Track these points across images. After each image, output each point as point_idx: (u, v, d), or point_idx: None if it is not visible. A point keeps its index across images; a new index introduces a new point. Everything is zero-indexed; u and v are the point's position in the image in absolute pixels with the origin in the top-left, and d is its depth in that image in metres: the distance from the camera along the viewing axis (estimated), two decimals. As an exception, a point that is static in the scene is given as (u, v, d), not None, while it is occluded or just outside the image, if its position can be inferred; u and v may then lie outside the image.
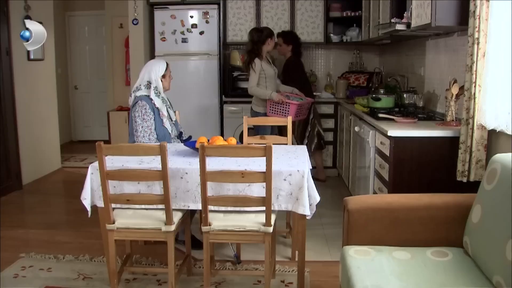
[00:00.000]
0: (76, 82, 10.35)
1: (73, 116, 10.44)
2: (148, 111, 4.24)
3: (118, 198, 3.27)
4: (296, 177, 3.27)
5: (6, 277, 3.96)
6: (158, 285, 3.78)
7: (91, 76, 10.30)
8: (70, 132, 10.41)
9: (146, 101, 4.27)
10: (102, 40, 9.90)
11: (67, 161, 8.35)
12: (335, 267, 3.95)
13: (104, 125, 9.48)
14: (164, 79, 4.38)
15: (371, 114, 4.74)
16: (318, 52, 7.60)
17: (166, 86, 4.46)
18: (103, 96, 10.01)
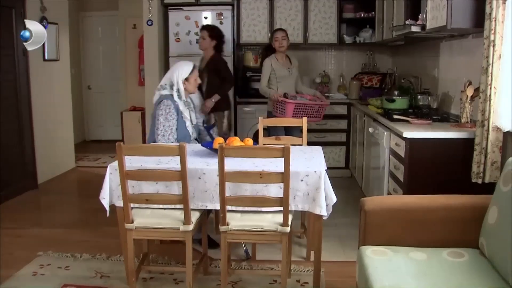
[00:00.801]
0: (89, 82, 10.43)
1: (86, 116, 10.52)
2: (172, 111, 4.31)
3: (138, 198, 3.32)
4: (313, 177, 3.30)
5: (25, 274, 4.03)
6: (175, 284, 3.82)
7: (104, 76, 10.38)
8: (83, 132, 10.49)
9: (172, 101, 4.35)
10: (116, 41, 9.97)
11: (81, 160, 8.42)
12: (349, 267, 4.00)
13: (117, 125, 9.56)
14: (187, 82, 4.41)
15: (386, 116, 4.76)
16: (331, 53, 7.63)
17: (190, 89, 4.48)
18: (116, 96, 10.09)
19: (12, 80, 6.21)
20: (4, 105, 6.04)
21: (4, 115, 6.02)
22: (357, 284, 3.04)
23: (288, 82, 5.94)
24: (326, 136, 6.87)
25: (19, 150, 6.40)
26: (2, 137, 6.00)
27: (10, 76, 6.18)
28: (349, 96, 7.20)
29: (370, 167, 5.36)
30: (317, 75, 7.55)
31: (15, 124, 6.29)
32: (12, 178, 6.24)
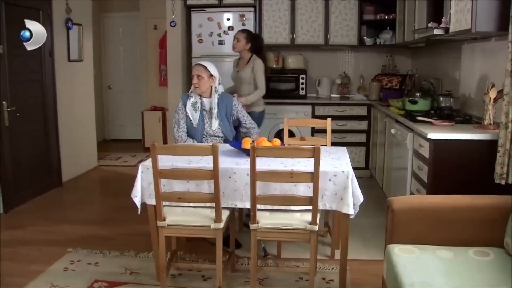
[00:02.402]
0: (110, 82, 10.56)
1: (107, 115, 10.64)
2: (179, 106, 4.64)
3: (170, 196, 3.42)
4: (340, 177, 3.38)
5: (56, 270, 4.14)
6: (203, 280, 3.91)
7: (125, 76, 10.50)
8: (104, 131, 10.61)
9: (182, 98, 4.66)
10: (136, 41, 10.09)
11: (102, 159, 8.54)
12: (374, 265, 4.08)
13: (137, 124, 9.69)
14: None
15: (408, 117, 4.81)
16: (351, 55, 7.69)
17: (195, 89, 4.61)
18: (136, 96, 10.21)
19: (38, 80, 6.35)
20: (31, 104, 6.18)
21: (31, 115, 6.15)
22: (384, 282, 3.11)
23: (236, 84, 5.86)
24: (346, 137, 6.93)
25: (45, 149, 6.53)
26: (30, 136, 6.14)
27: (37, 76, 6.32)
28: (369, 97, 7.26)
29: (392, 167, 5.42)
30: (337, 76, 7.61)
31: (42, 123, 6.43)
32: (38, 176, 6.38)
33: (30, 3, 6.07)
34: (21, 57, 5.90)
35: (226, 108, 4.64)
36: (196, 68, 4.57)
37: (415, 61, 7.34)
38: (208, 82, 4.54)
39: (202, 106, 4.62)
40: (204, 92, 4.58)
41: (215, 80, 4.57)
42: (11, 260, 4.37)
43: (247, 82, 5.65)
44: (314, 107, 6.99)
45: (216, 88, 4.59)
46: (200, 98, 4.62)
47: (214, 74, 4.56)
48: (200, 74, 4.51)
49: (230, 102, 4.68)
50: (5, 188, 5.66)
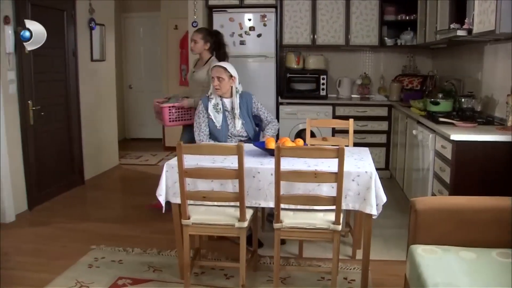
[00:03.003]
0: (130, 81, 10.66)
1: (127, 115, 10.74)
2: (199, 109, 4.67)
3: (195, 195, 3.47)
4: (364, 178, 3.41)
5: (81, 266, 4.22)
6: (226, 279, 3.95)
7: (145, 76, 10.58)
8: (124, 130, 10.70)
9: (203, 101, 4.69)
10: (157, 41, 10.14)
11: (123, 158, 8.63)
12: (395, 265, 4.10)
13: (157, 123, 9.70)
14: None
15: (430, 118, 4.81)
16: (372, 55, 7.69)
17: (216, 91, 4.64)
18: (156, 95, 10.21)
19: (62, 80, 6.44)
20: (55, 103, 6.27)
21: (55, 114, 6.24)
22: (406, 282, 3.12)
23: (190, 86, 5.64)
24: (367, 138, 6.93)
25: (68, 147, 6.62)
26: (53, 135, 6.23)
27: (61, 76, 6.41)
28: (389, 98, 7.25)
29: (413, 168, 5.42)
30: (358, 77, 7.62)
31: (65, 122, 6.51)
32: (62, 174, 6.47)
33: (54, 4, 6.16)
34: (46, 57, 5.99)
35: (247, 107, 4.69)
36: (216, 70, 4.59)
37: (436, 62, 7.32)
38: (229, 83, 4.59)
39: (224, 107, 4.66)
40: (225, 93, 4.63)
41: (235, 81, 4.61)
42: (36, 256, 4.46)
43: (201, 84, 5.36)
44: (334, 107, 7.00)
45: (237, 88, 4.64)
46: (221, 99, 4.66)
47: (234, 75, 4.60)
48: (220, 75, 4.55)
49: (250, 99, 4.73)
50: (30, 186, 5.75)
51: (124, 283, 3.89)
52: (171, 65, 9.78)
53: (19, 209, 5.59)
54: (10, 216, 5.41)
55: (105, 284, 3.87)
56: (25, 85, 5.58)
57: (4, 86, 5.28)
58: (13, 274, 4.09)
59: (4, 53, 5.24)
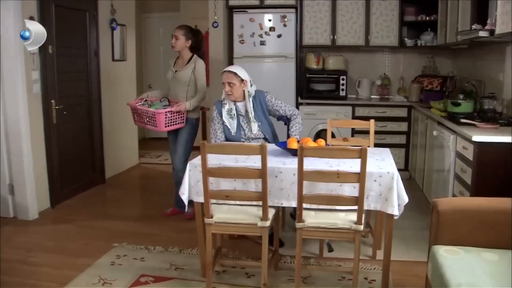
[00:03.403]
0: (150, 81, 10.72)
1: (147, 114, 10.77)
2: (214, 115, 4.66)
3: (218, 194, 3.51)
4: (385, 178, 3.42)
5: (103, 264, 4.28)
6: (247, 277, 3.99)
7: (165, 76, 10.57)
8: (144, 130, 10.75)
9: (217, 106, 4.66)
10: (176, 41, 10.18)
11: (143, 157, 8.70)
12: (415, 266, 4.12)
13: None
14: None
15: (451, 119, 4.81)
16: (392, 56, 7.68)
17: (229, 97, 4.58)
18: (175, 94, 10.32)
19: (84, 79, 6.51)
20: (77, 103, 6.34)
21: (77, 113, 6.32)
22: (428, 282, 3.13)
23: (172, 86, 5.43)
24: (386, 138, 6.93)
25: (89, 146, 6.70)
26: (75, 133, 6.31)
27: (83, 75, 6.48)
28: (409, 98, 7.24)
29: (433, 169, 5.41)
30: (377, 78, 7.62)
31: (87, 121, 6.59)
32: (83, 173, 6.56)
33: (77, 4, 6.23)
34: (69, 57, 6.08)
35: (261, 107, 4.62)
36: (226, 76, 4.51)
37: (456, 63, 7.29)
38: (241, 88, 4.51)
39: (238, 111, 4.63)
40: (238, 98, 4.57)
41: (247, 84, 4.53)
42: (59, 253, 4.54)
43: (186, 84, 5.25)
44: (354, 108, 7.01)
45: (249, 92, 4.56)
46: (235, 103, 4.62)
47: (245, 78, 4.51)
48: (231, 81, 4.47)
49: (264, 98, 4.64)
50: (52, 184, 5.84)
51: (146, 281, 3.94)
52: (190, 65, 9.82)
53: (42, 206, 5.68)
54: (33, 213, 5.50)
55: (127, 281, 3.92)
56: (49, 85, 5.66)
57: (29, 86, 5.36)
58: (37, 270, 4.17)
59: (29, 53, 5.32)
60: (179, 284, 3.89)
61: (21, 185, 5.42)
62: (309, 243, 4.55)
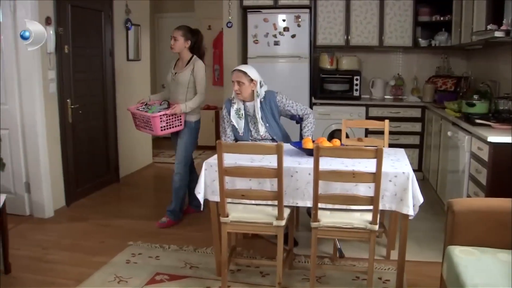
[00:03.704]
0: (163, 81, 10.69)
1: (160, 114, 10.82)
2: (223, 114, 4.68)
3: (234, 193, 3.53)
4: (401, 178, 3.43)
5: (119, 262, 4.32)
6: (262, 276, 4.01)
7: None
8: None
9: (226, 105, 4.68)
10: (190, 41, 10.22)
11: (157, 156, 8.74)
12: (429, 266, 4.12)
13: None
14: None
15: (466, 120, 4.80)
16: (405, 56, 7.67)
17: (237, 96, 4.57)
18: (189, 95, 10.35)
19: (99, 79, 6.56)
20: (92, 102, 6.39)
21: (92, 112, 6.37)
22: (443, 282, 3.13)
23: (172, 88, 5.34)
24: (400, 139, 6.92)
25: (104, 145, 6.75)
26: (90, 133, 6.36)
27: (98, 75, 6.53)
28: (423, 99, 7.22)
29: (447, 170, 5.40)
30: (391, 78, 7.61)
31: (101, 121, 6.64)
32: (98, 172, 6.61)
33: (93, 5, 6.28)
34: (84, 57, 6.13)
35: (271, 108, 4.57)
36: (235, 75, 4.50)
37: (470, 63, 7.27)
38: (250, 87, 4.49)
39: (246, 111, 4.61)
40: (247, 97, 4.54)
41: (256, 84, 4.50)
42: (75, 251, 4.58)
43: (185, 86, 5.15)
44: (368, 108, 7.02)
45: (258, 92, 4.52)
46: (244, 103, 4.61)
47: (255, 78, 4.49)
48: (240, 80, 4.46)
49: (274, 99, 4.58)
50: (68, 182, 5.88)
51: (161, 279, 3.97)
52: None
53: (57, 204, 5.73)
54: (49, 211, 5.55)
55: (143, 280, 3.95)
56: (65, 84, 5.71)
57: (45, 85, 5.41)
58: (54, 267, 4.22)
59: (45, 53, 5.37)
60: (194, 283, 3.92)
61: (37, 183, 5.47)
62: (323, 243, 4.56)
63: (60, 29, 5.53)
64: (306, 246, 4.42)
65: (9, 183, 5.44)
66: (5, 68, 5.27)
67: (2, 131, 5.27)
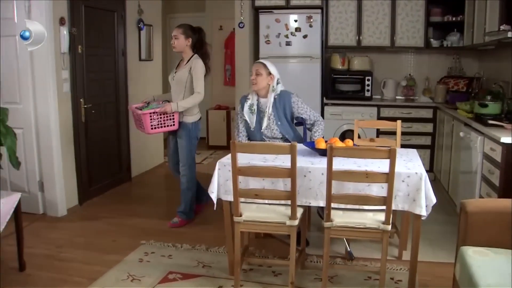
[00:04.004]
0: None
1: (171, 113, 10.85)
2: (237, 109, 4.78)
3: (247, 192, 3.55)
4: (413, 179, 3.44)
5: (132, 260, 4.35)
6: (274, 276, 4.02)
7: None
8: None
9: (241, 101, 4.75)
10: (202, 41, 10.24)
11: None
12: (441, 267, 4.12)
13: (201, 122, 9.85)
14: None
15: (478, 120, 4.80)
16: (417, 57, 7.65)
17: (253, 86, 4.64)
18: (199, 95, 10.38)
19: (112, 79, 6.60)
20: (106, 102, 6.44)
21: (105, 112, 6.42)
22: (455, 283, 3.13)
23: (173, 89, 5.28)
24: (411, 139, 6.92)
25: (116, 145, 6.79)
26: (103, 132, 6.40)
27: (111, 75, 6.57)
28: (434, 99, 7.21)
29: (459, 170, 5.39)
30: (403, 78, 7.60)
31: (114, 120, 6.68)
32: (110, 171, 6.65)
33: (106, 5, 6.33)
34: (97, 57, 6.18)
35: (284, 108, 4.60)
36: (255, 65, 4.63)
37: (483, 64, 7.24)
38: (266, 80, 4.55)
39: (259, 107, 4.66)
40: (261, 90, 4.59)
41: (273, 79, 4.58)
42: (88, 249, 4.62)
43: (183, 85, 5.08)
44: (379, 108, 7.02)
45: (273, 87, 4.59)
46: (258, 99, 4.67)
47: (273, 73, 4.57)
48: (259, 70, 4.55)
49: (289, 99, 4.62)
50: (80, 181, 5.93)
51: (174, 278, 3.99)
52: (215, 65, 9.87)
53: (70, 203, 5.78)
54: (62, 210, 5.60)
55: (156, 278, 3.98)
56: (78, 84, 5.75)
57: (59, 85, 5.46)
58: (67, 265, 4.26)
59: (59, 53, 5.42)
60: (207, 282, 3.94)
61: (50, 182, 5.52)
62: (335, 243, 4.55)
63: (74, 30, 5.58)
64: (317, 246, 4.44)
65: (23, 181, 5.50)
66: (19, 68, 5.32)
67: (17, 130, 5.30)
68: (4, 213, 3.84)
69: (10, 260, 4.10)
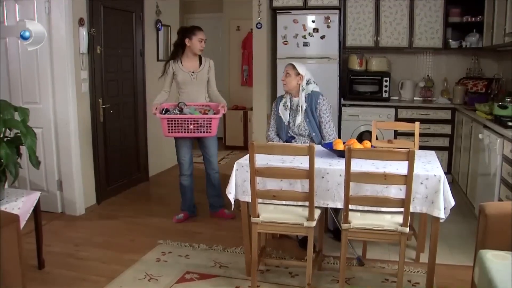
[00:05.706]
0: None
1: (188, 113, 10.89)
2: (273, 106, 4.95)
3: (265, 193, 3.56)
4: (432, 181, 3.42)
5: (149, 260, 4.38)
6: (291, 277, 4.02)
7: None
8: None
9: (277, 99, 4.93)
10: (219, 42, 10.29)
11: (185, 156, 8.77)
12: (459, 270, 4.09)
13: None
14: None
15: (498, 122, 4.76)
16: (435, 57, 7.60)
17: (284, 86, 4.79)
18: (217, 95, 10.41)
19: (130, 79, 6.64)
20: (124, 102, 6.49)
21: (123, 112, 6.46)
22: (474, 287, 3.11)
23: (193, 89, 5.34)
24: (429, 141, 6.88)
25: (134, 144, 6.83)
26: (121, 132, 6.45)
27: (129, 75, 6.61)
28: (453, 101, 7.16)
29: (478, 173, 5.35)
30: (421, 79, 7.56)
31: (132, 120, 6.72)
32: (128, 170, 6.69)
33: (124, 6, 6.37)
34: (116, 57, 6.22)
35: (311, 106, 4.70)
36: (286, 67, 4.77)
37: (502, 65, 7.17)
38: (295, 80, 4.68)
39: (291, 105, 4.77)
40: (292, 90, 4.72)
41: (302, 79, 4.69)
42: (106, 248, 4.66)
43: (204, 84, 5.37)
44: (397, 110, 6.98)
45: (303, 86, 4.69)
46: (290, 97, 4.77)
47: (302, 73, 4.69)
48: (288, 71, 4.70)
49: (316, 98, 4.71)
50: (98, 181, 5.98)
51: (191, 277, 4.01)
52: (232, 66, 9.92)
53: (88, 202, 5.82)
54: (80, 209, 5.65)
55: (173, 278, 4.00)
56: (96, 84, 5.80)
57: (78, 85, 5.51)
58: (86, 264, 4.30)
59: (78, 53, 5.46)
60: (224, 282, 3.95)
61: (69, 181, 5.58)
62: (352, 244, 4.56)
63: (93, 30, 5.62)
64: (334, 248, 4.43)
65: (42, 180, 5.57)
66: (39, 68, 5.38)
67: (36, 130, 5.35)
68: (24, 211, 3.89)
69: (29, 258, 4.13)
